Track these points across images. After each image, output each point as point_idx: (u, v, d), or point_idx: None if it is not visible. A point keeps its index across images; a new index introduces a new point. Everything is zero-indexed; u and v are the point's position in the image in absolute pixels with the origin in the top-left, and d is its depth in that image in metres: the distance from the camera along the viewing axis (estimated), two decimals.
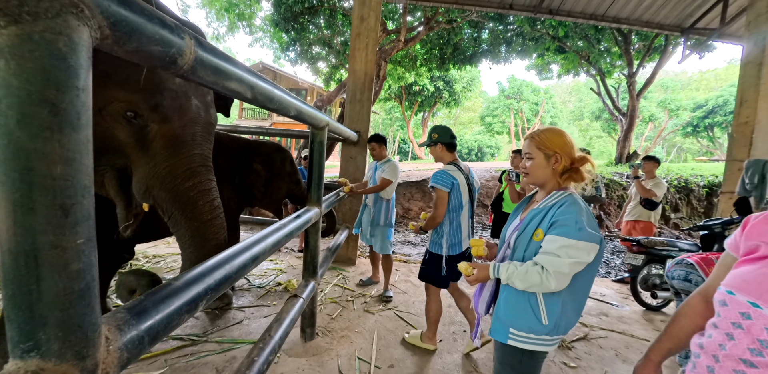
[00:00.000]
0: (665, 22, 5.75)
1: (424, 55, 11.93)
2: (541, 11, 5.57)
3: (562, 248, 1.09)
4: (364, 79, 3.85)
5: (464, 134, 34.86)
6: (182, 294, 0.72)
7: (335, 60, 11.44)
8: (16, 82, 0.40)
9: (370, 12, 3.88)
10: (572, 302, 1.19)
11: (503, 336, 1.22)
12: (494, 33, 10.54)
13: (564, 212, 1.15)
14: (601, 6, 5.52)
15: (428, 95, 18.20)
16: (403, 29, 8.12)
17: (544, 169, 1.23)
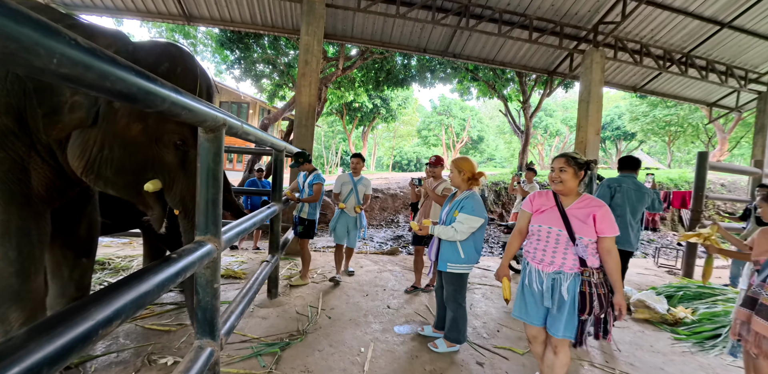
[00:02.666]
0: (537, 66, 7.69)
1: (361, 77, 13.25)
2: (447, 54, 7.17)
3: (465, 219, 2.31)
4: (308, 109, 4.92)
5: (404, 146, 37.04)
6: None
7: (279, 78, 12.24)
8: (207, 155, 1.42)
9: (312, 57, 5.00)
10: (473, 247, 2.41)
11: (444, 267, 2.42)
12: (421, 62, 12.27)
13: (467, 202, 2.36)
14: (491, 53, 7.28)
15: (367, 111, 19.67)
16: (341, 60, 9.35)
17: (458, 179, 2.44)
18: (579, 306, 1.76)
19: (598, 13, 6.21)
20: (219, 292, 1.47)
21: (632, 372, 2.38)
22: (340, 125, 29.35)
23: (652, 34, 6.81)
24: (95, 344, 0.82)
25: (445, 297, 2.50)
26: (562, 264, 1.79)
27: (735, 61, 7.61)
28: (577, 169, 1.82)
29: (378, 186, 8.69)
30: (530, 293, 1.89)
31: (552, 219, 1.85)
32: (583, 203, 1.83)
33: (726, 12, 6.37)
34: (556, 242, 1.82)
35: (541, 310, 1.86)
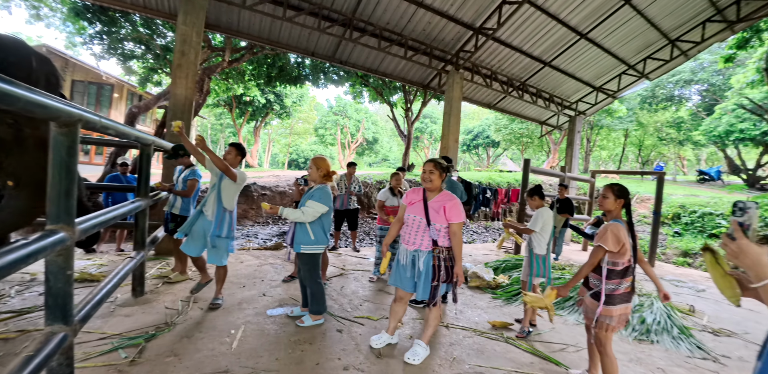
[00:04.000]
0: (414, 79, 8.75)
1: (252, 71, 12.73)
2: (334, 60, 7.59)
3: (312, 205, 2.67)
4: (185, 102, 4.72)
5: (301, 144, 36.38)
6: None
7: (154, 62, 10.88)
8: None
9: (191, 49, 4.80)
10: (322, 230, 2.77)
11: (298, 249, 2.74)
12: (314, 62, 12.43)
13: (317, 192, 2.73)
14: (375, 63, 7.99)
15: (260, 106, 18.86)
16: (227, 52, 8.92)
17: (316, 174, 2.80)
18: (432, 275, 2.32)
19: (459, 41, 7.47)
20: (72, 279, 1.54)
21: (455, 322, 3.16)
22: (229, 119, 27.28)
23: (499, 64, 8.48)
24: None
25: (302, 277, 2.83)
26: (420, 244, 2.36)
27: (555, 92, 10.00)
28: (441, 171, 2.37)
29: (267, 184, 8.62)
30: (401, 266, 2.45)
31: (418, 210, 2.39)
32: (439, 197, 2.38)
33: (547, 54, 8.38)
34: (418, 227, 2.38)
35: (411, 279, 2.42)
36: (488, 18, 6.87)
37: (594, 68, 9.25)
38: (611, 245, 2.01)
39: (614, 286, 2.06)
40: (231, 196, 3.00)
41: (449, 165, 2.49)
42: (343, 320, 2.98)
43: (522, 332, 3.03)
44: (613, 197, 2.15)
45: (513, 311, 3.63)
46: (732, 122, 15.71)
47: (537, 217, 3.11)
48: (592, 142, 23.02)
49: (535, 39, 7.80)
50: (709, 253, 1.11)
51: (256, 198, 7.93)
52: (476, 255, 6.28)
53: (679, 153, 29.42)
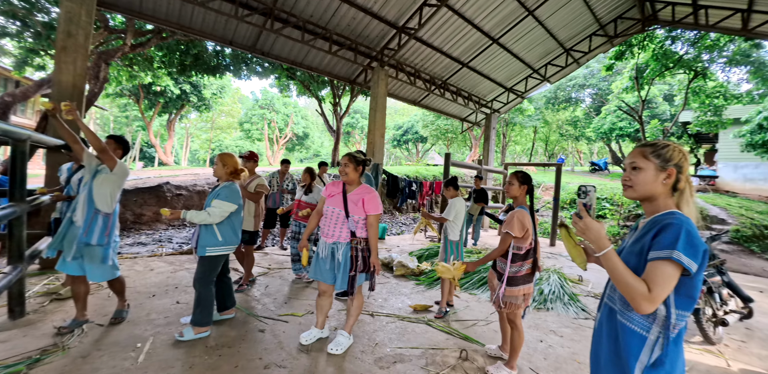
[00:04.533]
0: (340, 74, 8.72)
1: (162, 58, 11.49)
2: (256, 51, 7.21)
3: (218, 204, 2.50)
4: (72, 90, 4.10)
5: (224, 139, 33.92)
6: None
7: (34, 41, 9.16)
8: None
9: (79, 29, 4.16)
10: (232, 230, 2.61)
11: (203, 252, 2.53)
12: (235, 52, 11.64)
13: (223, 191, 2.56)
14: (299, 56, 7.78)
15: (173, 97, 17.09)
16: (129, 35, 7.90)
17: (222, 171, 2.63)
18: (349, 265, 2.38)
19: (384, 39, 7.63)
20: None
21: (380, 310, 3.31)
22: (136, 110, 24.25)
23: (422, 63, 8.86)
24: None
25: (194, 278, 2.55)
26: (339, 236, 2.41)
27: (473, 91, 10.78)
28: (356, 165, 2.43)
29: (183, 183, 7.90)
30: (321, 259, 2.46)
31: (337, 202, 2.44)
32: (358, 190, 2.44)
33: (465, 55, 8.99)
34: (337, 219, 2.42)
35: (330, 271, 2.43)
36: (410, 18, 7.12)
37: (505, 71, 10.18)
38: (517, 231, 2.24)
39: (517, 268, 2.31)
40: (106, 195, 2.49)
41: (366, 158, 2.57)
42: (266, 319, 2.92)
43: (440, 312, 3.29)
44: (518, 183, 2.37)
45: (434, 294, 3.91)
46: (614, 121, 18.59)
47: (451, 206, 3.38)
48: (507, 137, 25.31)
49: (453, 41, 8.30)
50: (564, 228, 1.35)
51: (170, 199, 7.23)
52: (403, 246, 6.58)
53: (577, 147, 33.92)
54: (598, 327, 1.24)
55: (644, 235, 1.09)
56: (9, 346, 2.30)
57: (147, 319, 2.81)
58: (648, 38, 11.39)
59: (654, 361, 1.03)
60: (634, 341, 1.07)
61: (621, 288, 1.02)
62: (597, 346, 1.21)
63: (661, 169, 1.11)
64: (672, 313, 1.03)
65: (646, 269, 1.01)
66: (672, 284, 0.98)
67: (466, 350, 2.61)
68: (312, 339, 2.56)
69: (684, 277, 1.01)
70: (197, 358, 2.27)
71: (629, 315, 1.10)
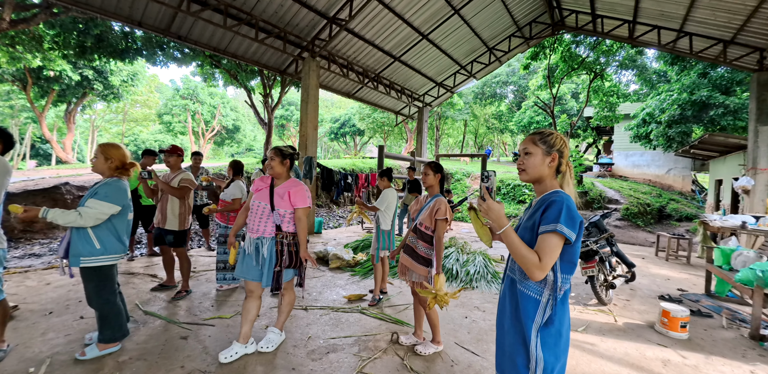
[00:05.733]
0: (269, 64, 8.32)
1: (54, 37, 9.86)
2: (170, 34, 6.53)
3: (94, 204, 2.13)
4: None
5: (140, 133, 30.51)
6: None
7: None
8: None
9: None
10: (114, 235, 2.24)
11: (77, 263, 2.12)
12: (148, 34, 10.38)
13: (102, 188, 2.19)
14: (222, 43, 7.24)
15: (71, 85, 14.80)
16: (8, 8, 6.63)
17: (103, 166, 2.26)
18: (275, 261, 2.30)
19: (314, 29, 7.42)
20: None
21: (314, 303, 3.30)
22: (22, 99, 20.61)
23: (355, 56, 8.82)
24: None
25: (87, 298, 2.24)
26: (264, 231, 2.33)
27: (405, 85, 11.04)
28: (282, 158, 2.37)
29: (87, 183, 6.93)
30: (247, 256, 2.35)
31: (263, 196, 2.37)
32: (285, 184, 2.39)
33: (396, 49, 9.14)
34: (262, 213, 2.35)
35: (257, 268, 2.32)
36: (341, 9, 7.01)
37: (435, 66, 10.59)
38: (450, 217, 2.38)
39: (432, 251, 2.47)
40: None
41: (293, 152, 2.51)
42: (188, 326, 2.74)
43: (373, 300, 3.39)
44: (432, 173, 2.49)
45: (369, 284, 4.01)
46: (532, 115, 20.47)
47: (383, 197, 3.47)
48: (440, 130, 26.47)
49: (385, 34, 8.38)
50: (472, 211, 1.48)
51: (71, 202, 6.32)
52: (340, 239, 6.59)
53: (502, 139, 36.78)
54: (502, 296, 1.39)
55: (535, 212, 1.24)
56: None
57: (42, 339, 2.45)
58: (557, 41, 12.67)
59: (546, 320, 1.20)
60: (530, 304, 1.23)
61: (518, 260, 1.16)
62: (501, 313, 1.36)
63: (547, 153, 1.28)
64: (558, 277, 1.20)
65: (537, 242, 1.17)
66: (557, 252, 1.14)
67: (397, 332, 2.73)
68: (233, 356, 2.26)
69: (566, 246, 1.19)
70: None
71: (526, 283, 1.25)
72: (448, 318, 3.09)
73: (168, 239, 3.28)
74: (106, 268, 2.24)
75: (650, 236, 10.27)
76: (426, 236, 2.45)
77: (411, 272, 2.48)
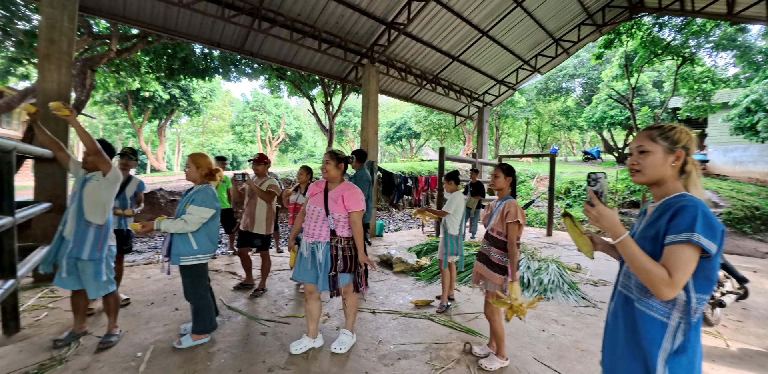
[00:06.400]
0: (331, 72, 8.65)
1: (149, 62, 11.33)
2: (244, 52, 7.13)
3: (194, 211, 2.37)
4: (58, 99, 4.01)
5: (216, 143, 33.69)
6: None
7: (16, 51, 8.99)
8: None
9: (62, 36, 4.07)
10: (207, 237, 2.48)
11: (177, 261, 2.39)
12: (224, 54, 11.47)
13: (198, 195, 2.42)
14: (289, 56, 7.70)
15: (162, 103, 16.90)
16: (114, 41, 7.77)
17: (195, 174, 2.49)
18: (329, 265, 2.31)
19: (373, 36, 7.57)
20: None
21: (381, 307, 3.30)
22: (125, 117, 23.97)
23: (413, 58, 8.82)
24: None
25: (184, 292, 2.49)
26: (319, 235, 2.34)
27: (464, 84, 10.76)
28: (337, 162, 2.36)
29: (177, 188, 7.83)
30: (303, 259, 2.39)
31: (318, 201, 2.38)
32: (339, 188, 2.37)
33: (455, 49, 8.95)
34: (317, 217, 2.36)
35: (313, 272, 2.35)
36: (399, 13, 7.07)
37: (496, 63, 10.16)
38: (523, 220, 2.21)
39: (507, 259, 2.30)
40: (97, 204, 2.37)
41: (348, 156, 2.49)
42: (267, 322, 2.90)
43: (441, 307, 3.29)
44: (503, 175, 2.36)
45: (435, 289, 3.91)
46: (605, 109, 18.66)
47: (451, 200, 3.36)
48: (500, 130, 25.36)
49: (443, 35, 8.26)
50: (568, 218, 1.33)
51: (164, 205, 7.16)
52: (402, 242, 6.57)
53: (569, 137, 34.08)
54: (612, 316, 1.20)
55: (657, 219, 1.06)
56: (4, 363, 2.26)
57: (146, 327, 2.77)
58: (636, 26, 11.40)
59: (677, 348, 1.01)
60: (655, 328, 1.04)
61: (640, 275, 0.99)
62: (612, 336, 1.17)
63: (669, 151, 1.09)
64: (692, 297, 1.00)
65: (664, 254, 0.99)
66: (692, 267, 0.96)
67: (470, 343, 2.60)
68: (303, 348, 2.43)
69: (702, 259, 0.99)
70: (199, 364, 2.25)
71: (648, 302, 1.06)
72: (522, 330, 2.88)
73: (255, 242, 3.51)
74: (201, 266, 2.48)
75: (761, 246, 8.69)
76: (499, 242, 2.30)
77: (486, 281, 2.34)
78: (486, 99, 11.69)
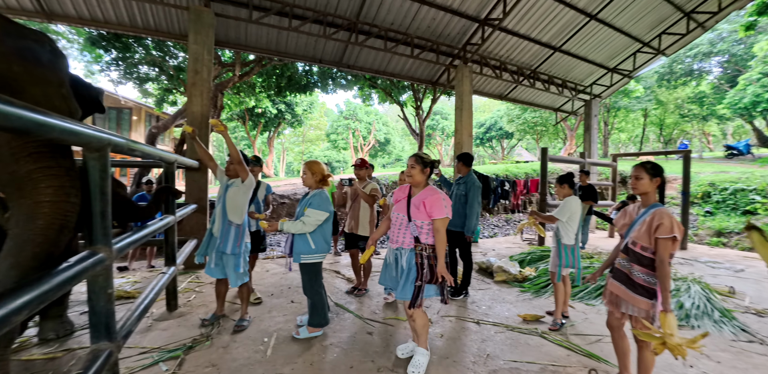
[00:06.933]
0: (422, 77, 8.71)
1: (262, 83, 12.98)
2: (342, 65, 7.64)
3: (312, 213, 2.60)
4: (201, 119, 4.86)
5: (314, 150, 36.85)
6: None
7: (168, 82, 11.24)
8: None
9: (203, 67, 4.93)
10: (322, 238, 2.69)
11: (298, 259, 2.65)
12: (322, 69, 12.56)
13: (314, 199, 2.67)
14: (382, 65, 8.00)
15: (272, 117, 19.21)
16: (237, 67, 9.12)
17: (311, 180, 2.72)
18: (416, 274, 2.18)
19: (465, 35, 7.39)
20: (113, 297, 1.61)
21: (485, 318, 3.12)
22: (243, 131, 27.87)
23: (508, 54, 8.33)
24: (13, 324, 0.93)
25: (302, 287, 2.71)
26: (403, 242, 2.27)
27: (567, 77, 9.73)
28: (423, 166, 2.25)
29: (285, 192, 8.77)
30: (387, 265, 2.38)
31: (401, 207, 2.31)
32: (421, 193, 2.25)
33: (556, 39, 8.18)
34: (401, 224, 2.29)
35: (396, 278, 2.29)
36: (493, 8, 6.77)
37: (607, 49, 8.96)
38: (681, 234, 1.77)
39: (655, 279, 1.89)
40: (236, 206, 2.79)
41: (434, 160, 2.34)
42: (372, 322, 2.99)
43: (555, 324, 2.96)
44: (648, 176, 1.95)
45: (543, 303, 3.56)
46: (758, 92, 14.88)
47: (565, 206, 3.02)
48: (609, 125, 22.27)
49: (542, 25, 7.63)
50: (756, 232, 1.05)
51: (276, 206, 8.06)
52: (499, 249, 6.18)
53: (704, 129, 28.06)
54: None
55: None
56: (168, 334, 2.77)
57: (269, 316, 3.11)
58: None
59: None
60: None
61: None
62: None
63: None
64: None
65: None
66: None
67: (596, 370, 2.27)
68: (409, 353, 2.41)
69: None
70: (315, 356, 2.42)
71: None
72: (663, 364, 2.40)
73: (360, 244, 3.67)
74: (317, 264, 2.69)
75: None
76: (643, 259, 1.91)
77: (625, 303, 1.98)
78: (594, 91, 10.38)
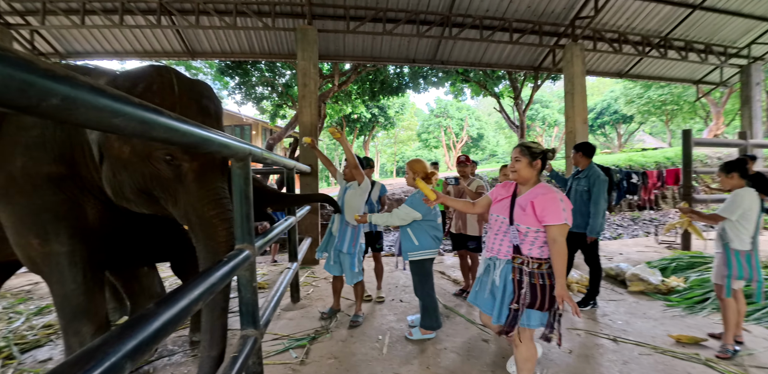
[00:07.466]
0: (522, 64, 8.01)
1: (357, 90, 13.70)
2: (435, 62, 7.54)
3: (403, 207, 2.62)
4: (310, 128, 5.33)
5: (405, 151, 37.42)
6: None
7: (278, 99, 12.72)
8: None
9: (310, 80, 5.42)
10: (427, 234, 2.65)
11: (406, 257, 2.68)
12: (413, 69, 12.64)
13: (410, 197, 2.68)
14: (477, 56, 7.62)
15: (366, 121, 20.14)
16: (336, 77, 9.79)
17: (411, 178, 2.72)
18: (510, 294, 1.75)
19: (573, 9, 6.53)
20: (257, 289, 1.82)
21: (623, 335, 2.66)
22: None
23: (629, 23, 7.09)
24: (161, 342, 0.91)
25: (413, 287, 2.67)
26: (498, 251, 1.85)
27: (713, 39, 7.82)
28: (531, 159, 1.80)
29: None
30: (479, 279, 1.98)
31: (502, 208, 1.89)
32: (530, 192, 1.81)
33: None
34: (499, 228, 1.88)
35: (489, 299, 1.87)
36: None
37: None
38: None
39: None
40: (352, 208, 2.89)
41: (547, 150, 1.85)
42: (486, 329, 2.82)
43: (724, 351, 2.35)
44: None
45: (701, 323, 2.87)
46: None
47: (734, 201, 2.38)
48: None
49: None
50: None
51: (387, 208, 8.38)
52: (629, 253, 5.27)
53: None
54: None
55: None
56: (294, 324, 3.05)
57: (380, 314, 3.20)
58: None
59: None
60: None
61: None
62: None
63: None
64: None
65: None
66: None
67: None
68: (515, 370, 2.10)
69: None
70: (431, 359, 2.38)
71: None
72: None
73: (469, 244, 3.54)
74: (427, 264, 2.65)
75: None
76: None
77: None
78: (753, 52, 8.11)
